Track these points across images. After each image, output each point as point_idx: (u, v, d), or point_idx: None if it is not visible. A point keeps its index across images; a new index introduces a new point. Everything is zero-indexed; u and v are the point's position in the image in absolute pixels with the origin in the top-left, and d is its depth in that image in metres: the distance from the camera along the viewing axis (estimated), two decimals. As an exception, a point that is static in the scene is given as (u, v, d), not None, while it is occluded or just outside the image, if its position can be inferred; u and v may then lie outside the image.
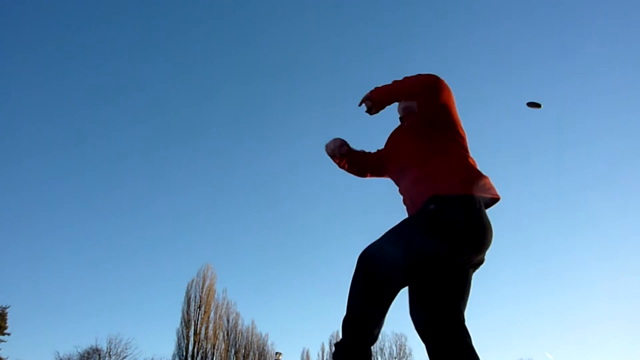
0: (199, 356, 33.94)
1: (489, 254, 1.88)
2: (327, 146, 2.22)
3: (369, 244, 1.82)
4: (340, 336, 1.74)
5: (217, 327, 35.78)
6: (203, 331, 34.57)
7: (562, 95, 47.55)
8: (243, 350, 37.75)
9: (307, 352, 42.40)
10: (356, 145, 2.36)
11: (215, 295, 36.05)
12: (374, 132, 2.47)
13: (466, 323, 1.75)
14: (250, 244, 50.37)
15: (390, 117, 2.51)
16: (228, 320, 37.15)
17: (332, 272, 49.27)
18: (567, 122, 47.68)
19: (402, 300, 1.86)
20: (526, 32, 47.44)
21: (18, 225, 45.36)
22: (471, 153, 2.08)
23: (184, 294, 35.14)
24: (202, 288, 35.38)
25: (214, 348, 34.98)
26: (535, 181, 49.15)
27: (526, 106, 2.27)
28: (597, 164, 47.41)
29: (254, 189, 50.64)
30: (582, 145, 47.45)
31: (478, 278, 2.00)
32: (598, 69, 45.94)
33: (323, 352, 41.63)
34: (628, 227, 47.72)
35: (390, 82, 2.03)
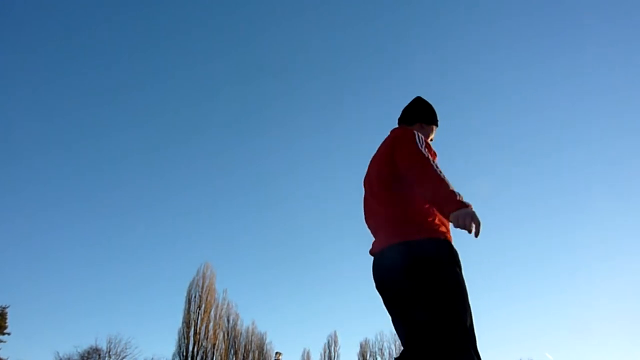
0: (199, 356, 33.97)
1: (489, 254, 1.91)
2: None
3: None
4: (338, 336, 1.75)
5: (217, 326, 35.80)
6: (203, 331, 34.60)
7: (562, 95, 47.56)
8: (243, 350, 37.77)
9: (308, 352, 42.44)
10: (349, 144, 2.36)
11: (216, 295, 36.09)
12: (373, 132, 2.46)
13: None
14: (251, 244, 50.38)
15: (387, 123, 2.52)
16: (228, 320, 37.18)
17: (332, 272, 49.25)
18: (567, 122, 47.67)
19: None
20: (526, 32, 47.43)
21: (18, 225, 45.36)
22: (470, 154, 2.11)
23: (185, 294, 35.21)
24: (202, 287, 35.41)
25: (214, 348, 35.00)
26: (536, 180, 49.16)
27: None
28: (598, 164, 47.41)
29: (254, 189, 50.66)
30: (583, 145, 47.43)
31: (478, 278, 2.02)
32: (598, 68, 45.94)
33: (324, 353, 41.68)
34: (628, 227, 47.72)
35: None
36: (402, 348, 1.96)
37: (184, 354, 33.50)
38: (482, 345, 1.81)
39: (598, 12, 45.58)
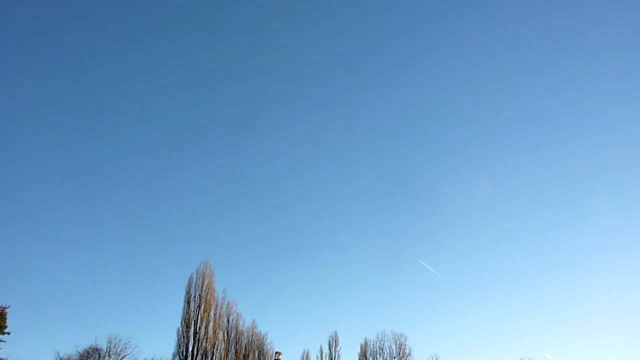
0: (199, 355, 33.92)
1: (489, 253, 1.83)
2: None
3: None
4: (339, 337, 1.17)
5: (217, 326, 35.77)
6: (203, 330, 34.55)
7: (562, 95, 47.54)
8: (243, 350, 37.75)
9: (307, 353, 42.57)
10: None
11: (215, 295, 36.08)
12: (373, 133, 2.44)
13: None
14: (251, 244, 50.45)
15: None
16: (228, 320, 37.18)
17: (333, 272, 49.34)
18: (567, 121, 47.61)
19: (401, 299, 1.80)
20: (528, 30, 47.37)
21: (18, 225, 45.37)
22: (470, 154, 1.96)
23: (184, 294, 35.18)
24: (202, 287, 35.40)
25: (213, 347, 34.97)
26: (536, 180, 49.13)
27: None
28: (598, 163, 47.38)
29: (255, 189, 50.69)
30: (583, 144, 47.39)
31: (479, 278, 1.97)
32: (598, 68, 45.91)
33: (322, 354, 41.82)
34: (628, 226, 47.69)
35: None
36: (402, 348, 1.75)
37: (184, 353, 33.46)
38: (483, 344, 1.77)
39: (598, 12, 45.57)
